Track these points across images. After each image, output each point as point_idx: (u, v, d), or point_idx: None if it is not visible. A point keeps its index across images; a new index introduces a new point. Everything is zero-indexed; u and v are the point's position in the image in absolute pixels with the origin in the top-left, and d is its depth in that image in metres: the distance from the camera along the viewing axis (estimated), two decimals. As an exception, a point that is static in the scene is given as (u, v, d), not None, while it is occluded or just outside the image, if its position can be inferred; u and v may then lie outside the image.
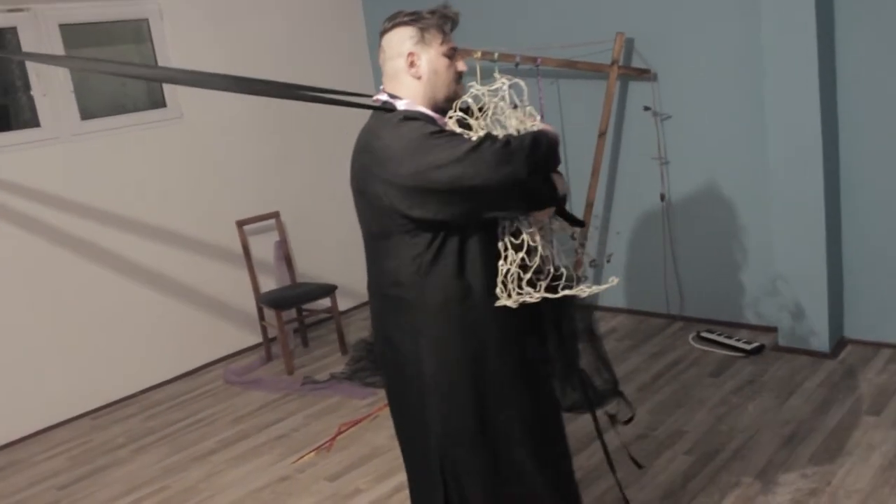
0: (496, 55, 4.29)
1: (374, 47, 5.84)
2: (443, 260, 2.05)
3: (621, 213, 4.87)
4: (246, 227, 5.13)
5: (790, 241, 4.03)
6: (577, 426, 3.54)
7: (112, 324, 4.76)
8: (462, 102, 2.14)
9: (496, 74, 2.13)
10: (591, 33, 4.53)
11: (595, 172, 4.48)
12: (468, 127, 2.07)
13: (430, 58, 2.11)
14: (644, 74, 4.44)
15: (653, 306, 4.86)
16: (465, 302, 2.07)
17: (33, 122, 4.46)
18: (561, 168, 2.15)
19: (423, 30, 2.11)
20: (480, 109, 2.12)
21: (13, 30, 4.33)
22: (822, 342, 4.04)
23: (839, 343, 4.13)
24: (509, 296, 2.03)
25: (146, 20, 4.84)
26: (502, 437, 2.16)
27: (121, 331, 4.79)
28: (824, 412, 3.49)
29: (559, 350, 2.36)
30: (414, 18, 2.12)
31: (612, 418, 2.63)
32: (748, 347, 4.20)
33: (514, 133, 2.05)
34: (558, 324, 2.33)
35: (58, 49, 4.47)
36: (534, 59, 4.42)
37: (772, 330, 4.33)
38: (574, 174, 4.75)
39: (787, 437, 3.33)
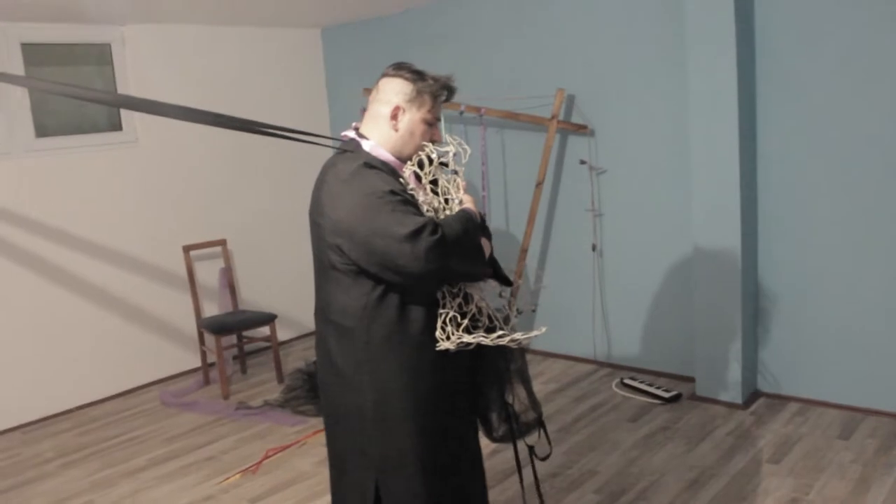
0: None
1: (332, 87, 6.09)
2: (387, 300, 2.11)
3: (554, 261, 5.08)
4: (192, 253, 5.24)
5: (708, 297, 4.26)
6: (493, 461, 3.70)
7: (53, 340, 4.82)
8: (418, 160, 2.21)
9: (447, 137, 2.24)
10: (535, 88, 4.78)
11: (531, 220, 4.69)
12: (420, 179, 2.19)
13: (413, 119, 2.18)
14: (582, 129, 4.68)
15: (581, 352, 5.06)
16: (407, 339, 2.14)
17: (-12, 136, 4.56)
18: (499, 214, 2.28)
19: (419, 91, 2.18)
20: (426, 173, 2.20)
21: (-25, 46, 4.45)
22: (735, 393, 4.25)
23: (753, 395, 4.34)
24: (448, 338, 2.12)
25: (108, 45, 4.98)
26: (440, 467, 2.22)
27: (62, 347, 4.86)
28: (729, 459, 3.68)
29: (494, 386, 2.45)
30: (416, 78, 2.19)
31: (531, 450, 2.69)
32: (666, 395, 4.39)
33: (449, 201, 2.19)
34: (494, 362, 2.42)
35: (18, 66, 4.58)
36: (478, 109, 4.64)
37: (690, 380, 4.53)
38: (512, 220, 4.96)
39: (692, 480, 3.51)
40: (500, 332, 2.15)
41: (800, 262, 4.13)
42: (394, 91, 2.20)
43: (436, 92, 2.20)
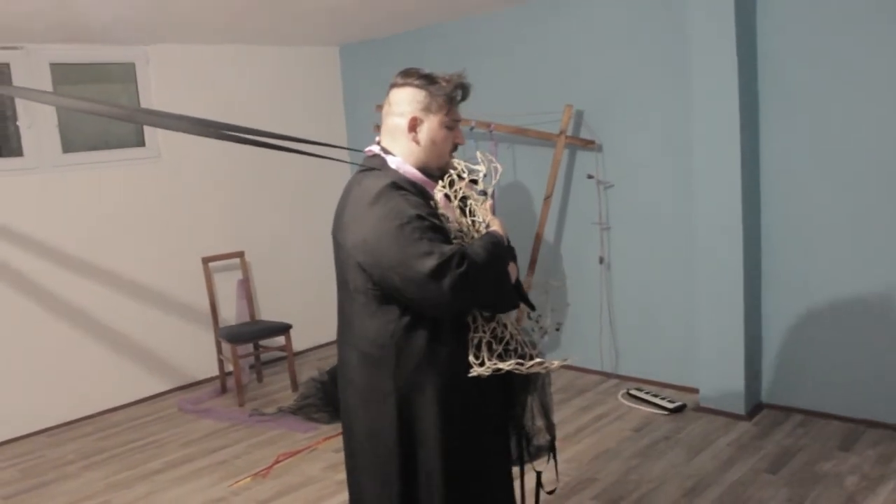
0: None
1: (350, 104, 6.25)
2: (417, 331, 2.04)
3: (562, 274, 5.17)
4: (211, 264, 5.41)
5: (712, 310, 4.32)
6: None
7: (77, 347, 5.01)
8: (450, 179, 2.14)
9: (478, 154, 2.19)
10: (544, 104, 4.89)
11: (539, 234, 4.79)
12: (449, 198, 2.13)
13: (432, 127, 2.09)
14: (589, 145, 4.78)
15: (589, 363, 5.13)
16: (438, 367, 2.07)
17: (18, 151, 4.77)
18: (509, 227, 2.21)
19: (432, 96, 2.08)
20: (454, 194, 2.14)
21: (6, 66, 4.66)
22: (738, 405, 4.30)
23: (756, 407, 4.39)
24: (482, 364, 2.04)
25: (133, 64, 5.18)
26: (468, 488, 2.17)
27: (86, 354, 5.04)
28: (727, 469, 3.74)
29: (517, 408, 2.46)
30: (426, 83, 2.09)
31: (538, 478, 2.60)
32: (671, 406, 4.46)
33: (466, 221, 2.12)
34: (523, 387, 2.41)
35: (47, 85, 4.80)
36: (487, 125, 4.76)
37: (695, 391, 4.59)
38: (521, 234, 5.06)
39: (689, 489, 3.57)
40: (536, 360, 2.06)
41: (803, 274, 4.17)
42: (406, 101, 2.11)
43: (450, 93, 2.11)
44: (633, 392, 4.71)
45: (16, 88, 4.59)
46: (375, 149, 2.18)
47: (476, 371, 2.03)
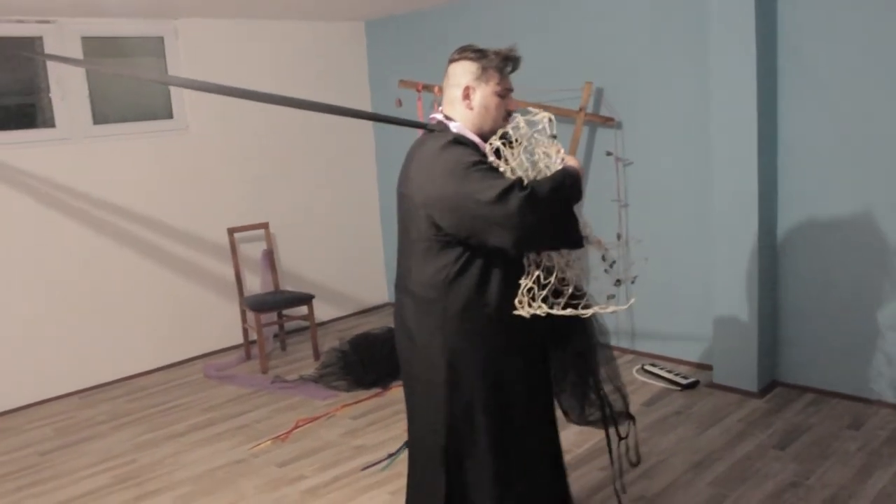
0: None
1: (375, 79, 6.31)
2: (468, 273, 2.28)
3: (580, 250, 5.20)
4: (237, 235, 5.54)
5: (727, 287, 4.35)
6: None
7: (108, 313, 5.18)
8: (502, 132, 2.35)
9: (532, 108, 2.39)
10: (565, 81, 4.92)
11: (557, 209, 4.84)
12: (500, 156, 2.30)
13: (484, 94, 2.33)
14: (609, 122, 4.81)
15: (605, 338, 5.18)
16: (483, 308, 2.30)
17: (51, 122, 4.91)
18: None
19: (484, 68, 2.33)
20: (516, 141, 2.33)
21: (39, 39, 4.79)
22: (750, 382, 4.34)
23: (770, 384, 4.42)
24: (529, 305, 2.25)
25: (162, 38, 5.29)
26: (506, 424, 2.40)
27: (116, 320, 5.22)
28: (736, 444, 3.79)
29: (572, 367, 2.63)
30: (479, 56, 2.35)
31: (623, 442, 2.82)
32: (684, 382, 4.51)
33: (541, 164, 2.30)
34: (572, 341, 2.59)
35: (79, 57, 4.91)
36: (508, 101, 4.80)
37: (709, 368, 4.64)
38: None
39: (696, 462, 3.64)
40: (579, 303, 2.29)
41: (820, 254, 4.19)
42: (462, 73, 2.35)
43: (499, 65, 2.35)
44: (648, 368, 4.76)
45: (53, 56, 4.72)
46: (439, 116, 2.41)
47: (519, 311, 2.25)
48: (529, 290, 2.26)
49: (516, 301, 2.26)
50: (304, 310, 5.44)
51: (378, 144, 6.53)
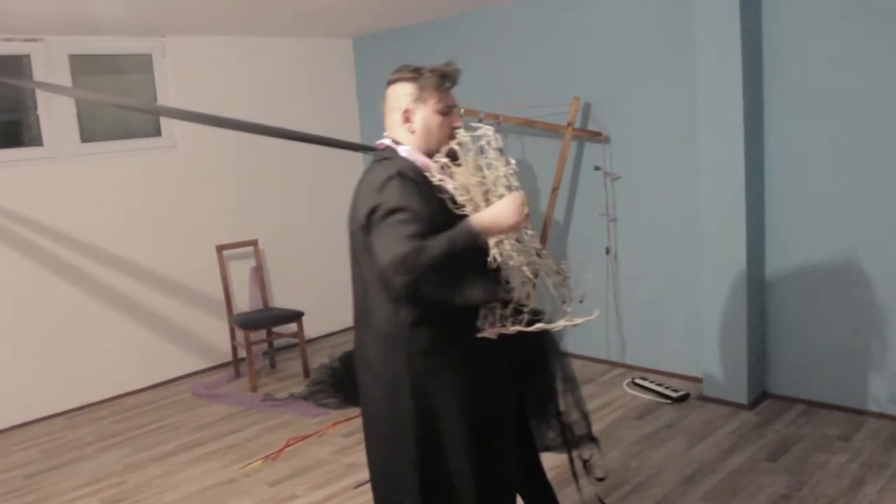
0: (462, 110, 4.69)
1: (363, 95, 6.33)
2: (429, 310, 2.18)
3: (569, 264, 5.21)
4: (225, 252, 5.52)
5: (715, 299, 4.37)
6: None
7: (94, 332, 5.14)
8: (447, 150, 2.26)
9: (477, 123, 2.33)
10: (552, 96, 4.94)
11: (546, 224, 4.86)
12: (447, 169, 2.23)
13: (425, 115, 2.25)
14: (597, 137, 4.83)
15: (596, 352, 5.20)
16: (449, 345, 2.23)
17: (38, 140, 4.89)
18: None
19: (420, 88, 2.24)
20: (464, 157, 2.24)
21: (27, 57, 4.78)
22: (740, 394, 4.36)
23: (760, 396, 4.44)
24: (492, 326, 2.18)
25: (150, 55, 5.29)
26: (482, 455, 2.32)
27: (102, 339, 5.17)
28: (727, 457, 3.80)
29: (538, 391, 2.61)
30: (413, 76, 2.25)
31: (586, 464, 2.78)
32: (674, 395, 4.52)
33: (488, 180, 2.21)
34: (535, 358, 2.57)
35: (65, 76, 4.91)
36: (496, 116, 4.82)
37: (699, 380, 4.65)
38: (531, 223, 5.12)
39: (688, 476, 3.64)
40: (539, 324, 2.21)
41: (807, 266, 4.22)
42: (399, 95, 2.28)
43: (437, 83, 2.25)
44: (639, 381, 4.77)
45: (38, 83, 4.71)
46: (387, 141, 2.32)
47: (484, 333, 2.17)
48: (493, 310, 2.19)
49: (479, 322, 2.19)
50: (293, 327, 5.42)
51: (366, 161, 6.53)
